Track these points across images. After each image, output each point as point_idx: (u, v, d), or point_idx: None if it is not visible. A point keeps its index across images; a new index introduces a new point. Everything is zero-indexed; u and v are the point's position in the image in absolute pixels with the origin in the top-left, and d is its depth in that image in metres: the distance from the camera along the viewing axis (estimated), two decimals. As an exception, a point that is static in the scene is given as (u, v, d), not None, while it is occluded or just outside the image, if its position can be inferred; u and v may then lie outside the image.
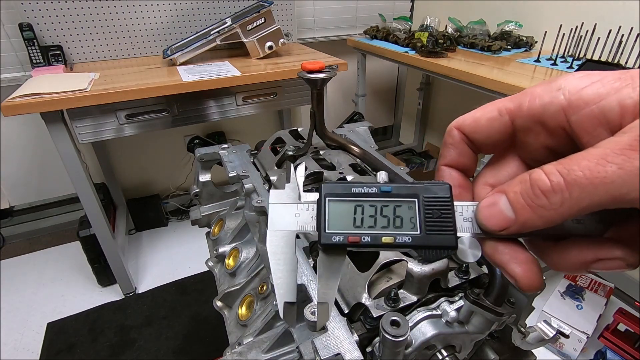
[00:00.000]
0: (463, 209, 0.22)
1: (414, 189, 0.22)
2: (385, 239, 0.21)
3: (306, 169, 0.63)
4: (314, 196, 0.23)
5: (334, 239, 0.21)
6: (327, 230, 0.21)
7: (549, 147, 0.21)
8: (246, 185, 0.68)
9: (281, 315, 0.23)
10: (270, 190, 0.24)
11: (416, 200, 0.21)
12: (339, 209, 0.22)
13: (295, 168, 0.26)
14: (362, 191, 0.22)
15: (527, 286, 0.20)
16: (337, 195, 0.22)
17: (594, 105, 0.18)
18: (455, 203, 0.21)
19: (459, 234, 0.21)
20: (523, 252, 0.21)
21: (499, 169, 0.24)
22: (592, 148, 0.17)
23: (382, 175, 0.24)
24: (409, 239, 0.21)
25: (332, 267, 0.22)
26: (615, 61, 1.26)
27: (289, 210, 0.23)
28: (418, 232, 0.21)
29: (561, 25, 1.38)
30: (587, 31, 1.33)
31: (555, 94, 0.19)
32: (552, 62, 1.39)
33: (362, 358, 0.41)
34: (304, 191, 0.24)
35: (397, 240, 0.21)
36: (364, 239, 0.21)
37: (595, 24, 1.31)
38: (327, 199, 0.22)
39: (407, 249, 0.21)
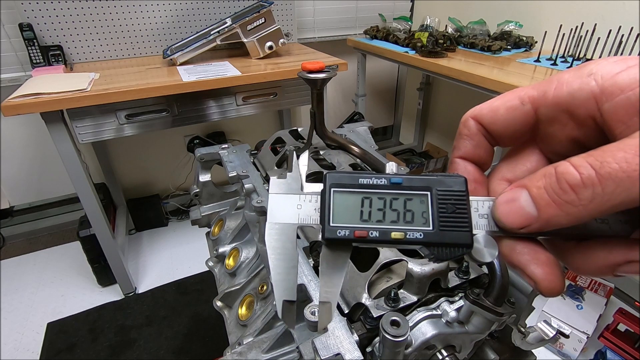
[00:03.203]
0: (478, 205, 0.20)
1: (427, 181, 0.20)
2: (394, 235, 0.19)
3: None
4: (318, 187, 0.21)
5: (339, 233, 0.20)
6: (331, 224, 0.20)
7: (575, 139, 0.19)
8: (246, 185, 0.68)
9: (279, 315, 0.21)
10: (271, 179, 0.22)
11: (429, 193, 0.20)
12: (344, 201, 0.20)
13: (298, 157, 0.24)
14: (371, 182, 0.20)
15: (548, 289, 0.18)
16: (343, 186, 0.20)
17: (631, 91, 0.16)
18: (470, 198, 0.20)
19: (474, 231, 0.20)
20: (543, 253, 0.19)
21: (517, 163, 0.22)
22: (628, 138, 0.15)
23: (391, 167, 0.22)
24: (420, 235, 0.19)
25: (336, 264, 0.21)
26: (615, 61, 1.26)
27: (291, 202, 0.21)
28: (430, 228, 0.19)
29: (561, 25, 1.38)
30: (587, 31, 1.33)
31: (585, 79, 0.17)
32: (552, 62, 1.39)
33: (362, 358, 0.41)
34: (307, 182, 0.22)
35: (407, 236, 0.19)
36: (371, 233, 0.19)
37: (595, 24, 1.31)
38: (332, 189, 0.20)
39: (418, 245, 0.20)
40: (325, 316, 0.21)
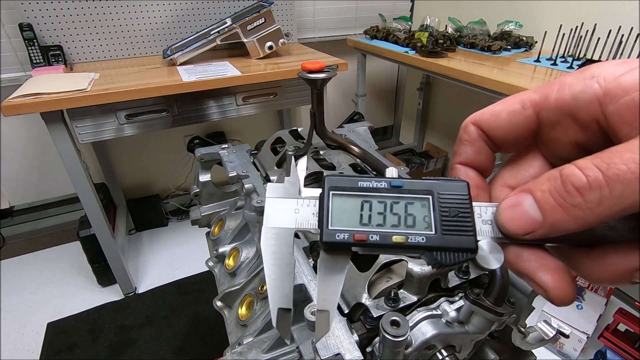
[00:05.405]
0: (481, 211, 0.20)
1: (428, 185, 0.20)
2: (395, 238, 0.19)
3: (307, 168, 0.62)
4: (316, 192, 0.21)
5: (338, 236, 0.19)
6: (330, 227, 0.19)
7: (579, 143, 0.19)
8: (246, 185, 0.68)
9: (274, 323, 0.20)
10: (268, 184, 0.22)
11: (430, 197, 0.19)
12: (343, 205, 0.19)
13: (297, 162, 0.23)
14: (370, 185, 0.20)
15: (559, 298, 0.18)
16: (342, 189, 0.20)
17: (635, 93, 0.16)
18: (473, 204, 0.19)
19: (477, 238, 0.19)
20: (552, 259, 0.18)
21: (519, 168, 0.22)
22: (635, 139, 0.15)
23: (391, 171, 0.22)
24: (422, 239, 0.19)
25: (335, 270, 0.20)
26: (615, 61, 1.26)
27: (288, 206, 0.21)
28: (433, 232, 0.19)
29: (561, 25, 1.38)
30: (587, 31, 1.33)
31: (588, 82, 0.17)
32: (552, 62, 1.39)
33: (362, 358, 0.41)
34: (305, 186, 0.22)
35: (409, 241, 0.19)
36: (371, 237, 0.19)
37: (595, 24, 1.31)
38: (330, 192, 0.20)
39: (421, 250, 0.19)
40: (323, 326, 0.20)
